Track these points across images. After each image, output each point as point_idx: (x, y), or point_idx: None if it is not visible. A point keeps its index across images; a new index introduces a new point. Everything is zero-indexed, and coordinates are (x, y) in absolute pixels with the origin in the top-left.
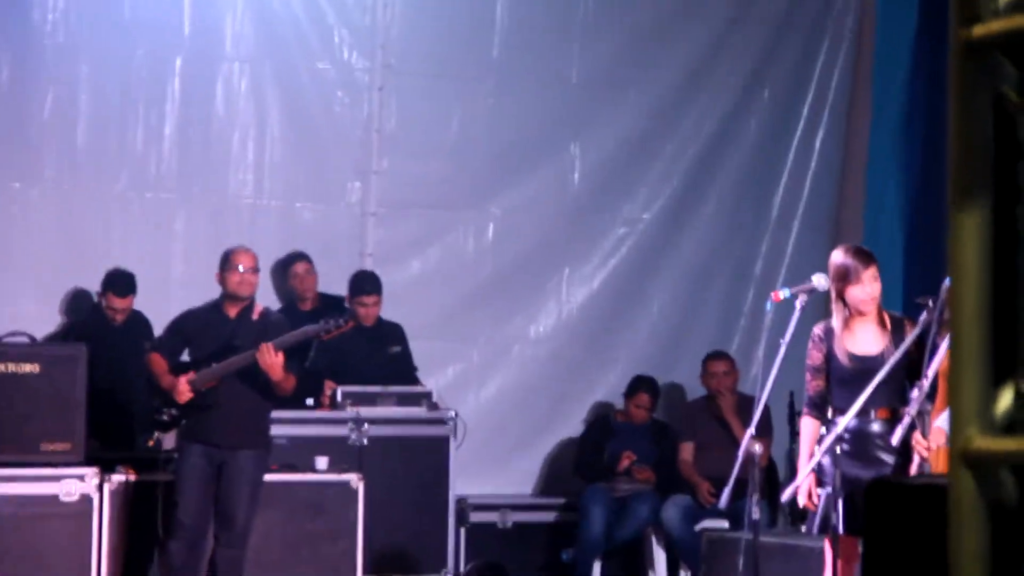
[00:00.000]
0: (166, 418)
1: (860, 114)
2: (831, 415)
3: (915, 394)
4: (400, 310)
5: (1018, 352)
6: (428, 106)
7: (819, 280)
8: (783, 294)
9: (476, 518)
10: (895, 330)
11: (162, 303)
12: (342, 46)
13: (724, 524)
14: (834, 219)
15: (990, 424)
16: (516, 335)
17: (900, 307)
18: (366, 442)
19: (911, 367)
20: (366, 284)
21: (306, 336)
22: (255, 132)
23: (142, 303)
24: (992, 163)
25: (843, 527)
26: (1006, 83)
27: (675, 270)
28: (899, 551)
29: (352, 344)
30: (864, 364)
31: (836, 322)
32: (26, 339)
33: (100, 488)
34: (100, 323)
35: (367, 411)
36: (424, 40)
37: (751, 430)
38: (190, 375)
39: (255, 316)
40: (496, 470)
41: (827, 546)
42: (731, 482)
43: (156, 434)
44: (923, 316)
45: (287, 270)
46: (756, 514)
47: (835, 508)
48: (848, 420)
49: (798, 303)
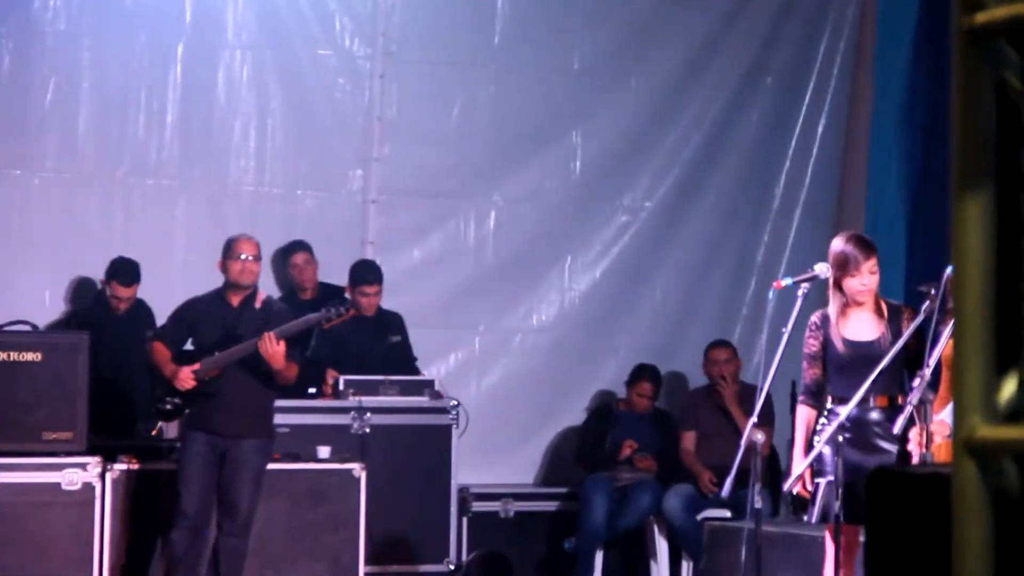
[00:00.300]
0: (169, 407)
1: (862, 103)
2: (829, 403)
3: (916, 383)
4: (401, 298)
5: (1022, 341)
6: (429, 94)
7: (821, 268)
8: (785, 283)
9: (478, 507)
10: (892, 317)
11: (163, 290)
12: (343, 33)
13: (726, 513)
14: (836, 208)
15: (994, 413)
16: (518, 324)
17: (901, 295)
18: (368, 431)
19: (909, 356)
20: (367, 274)
21: (307, 325)
22: (256, 119)
23: (143, 290)
24: (995, 150)
25: (844, 516)
26: (1009, 69)
27: (677, 259)
28: (902, 540)
29: (353, 333)
30: (860, 350)
31: (833, 308)
32: (28, 328)
33: (102, 477)
34: (103, 311)
35: (369, 400)
36: (425, 27)
37: (753, 419)
38: (193, 364)
39: (258, 304)
40: (498, 459)
41: (828, 535)
42: (733, 471)
43: (159, 423)
44: (925, 304)
45: (287, 260)
46: (758, 503)
47: (837, 497)
48: (849, 410)
49: (800, 292)
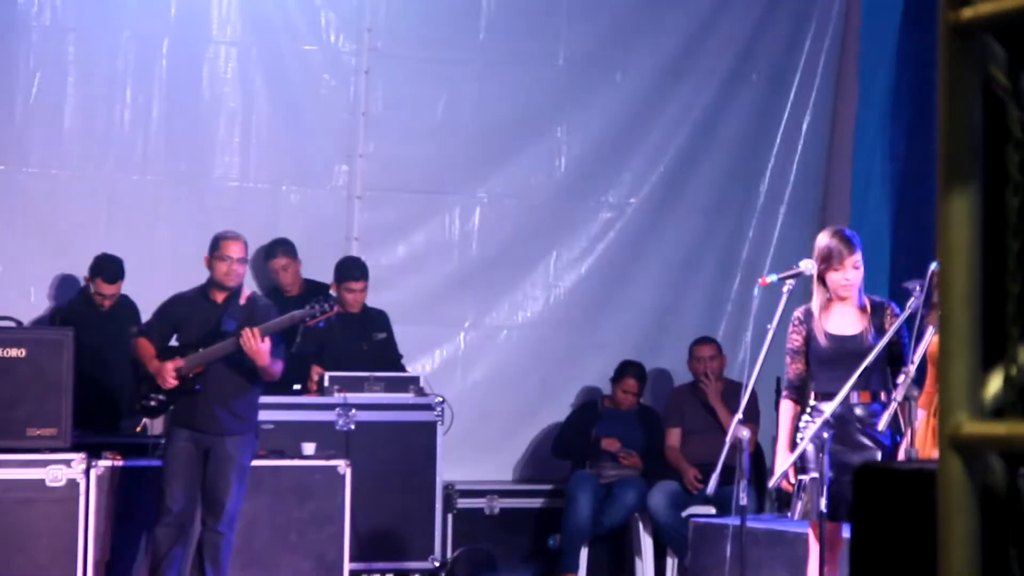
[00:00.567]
0: (153, 403)
1: (846, 100)
2: (812, 399)
3: (901, 379)
4: (386, 294)
5: (1007, 336)
6: (414, 89)
7: (806, 265)
8: (770, 279)
9: (463, 504)
10: (874, 313)
11: (148, 285)
12: (329, 29)
13: (711, 510)
14: (820, 205)
15: (979, 409)
16: (503, 320)
17: (887, 292)
18: (353, 427)
19: (892, 353)
20: (353, 270)
21: (291, 322)
22: (241, 115)
23: (127, 286)
24: (981, 146)
25: (828, 512)
26: (995, 65)
27: (662, 255)
28: (888, 537)
29: (338, 330)
30: (842, 345)
31: (816, 303)
32: (12, 324)
33: (87, 473)
34: (87, 308)
35: (354, 397)
36: (411, 23)
37: (739, 416)
38: (176, 360)
39: (242, 301)
40: (482, 456)
41: (811, 532)
42: (718, 468)
43: (143, 419)
44: (910, 301)
45: (267, 261)
46: (744, 500)
47: (821, 493)
48: (834, 408)
49: (785, 288)
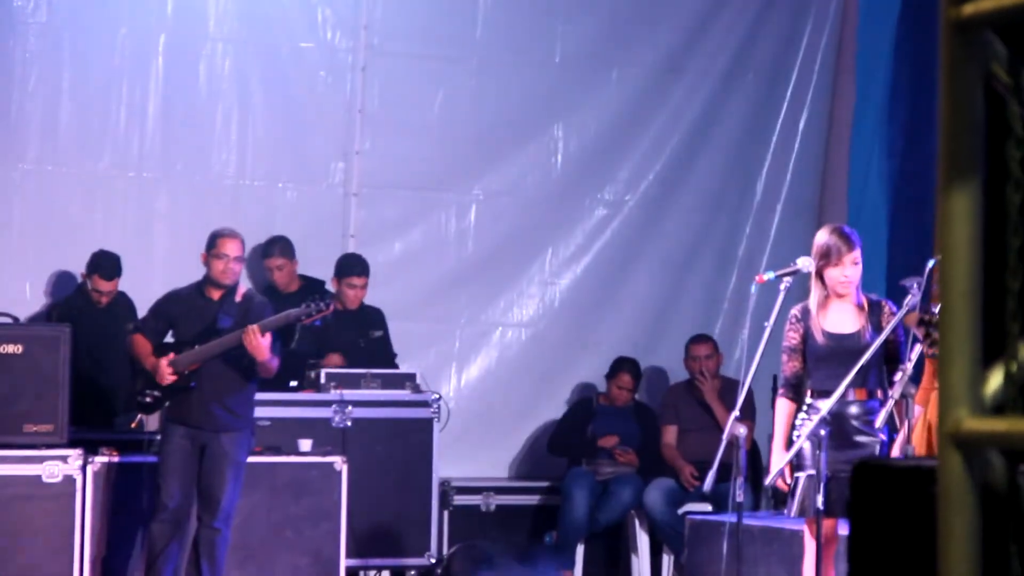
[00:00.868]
0: (148, 400)
1: (843, 97)
2: (808, 396)
3: (898, 377)
4: (382, 292)
5: (1008, 333)
6: (411, 86)
7: (804, 263)
8: (768, 277)
9: (459, 501)
10: (872, 311)
11: (144, 282)
12: (325, 26)
13: (707, 507)
14: (817, 202)
15: (980, 405)
16: (499, 317)
17: (883, 289)
18: (350, 424)
19: (889, 351)
20: (356, 266)
21: (288, 320)
22: (238, 112)
23: (124, 282)
24: (982, 143)
25: (824, 509)
26: (996, 61)
27: (658, 253)
28: (886, 534)
29: (334, 327)
30: (839, 343)
31: (814, 300)
32: (9, 320)
33: (83, 470)
34: (84, 304)
35: (351, 393)
36: (407, 20)
37: (735, 413)
38: (172, 357)
39: (238, 298)
40: (478, 453)
41: (807, 530)
42: (715, 465)
43: (139, 416)
44: (907, 299)
45: (263, 259)
46: (740, 497)
47: (817, 491)
48: (830, 405)
49: (782, 286)
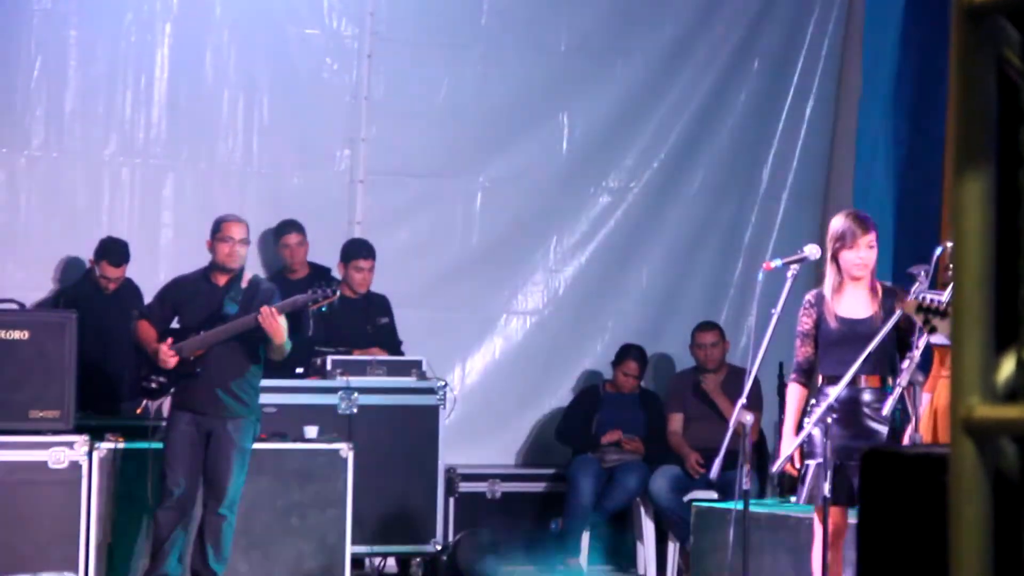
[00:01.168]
0: (153, 385)
1: (850, 84)
2: (819, 382)
3: (906, 364)
4: (388, 279)
5: (1020, 320)
6: (417, 74)
7: (811, 250)
8: (775, 264)
9: (465, 488)
10: (886, 297)
11: (150, 269)
12: (331, 13)
13: (712, 495)
14: (823, 189)
15: (992, 392)
16: (503, 305)
17: (890, 277)
18: (356, 411)
19: (901, 338)
20: (362, 249)
21: (294, 306)
22: (244, 99)
23: (129, 269)
24: (995, 128)
25: (833, 497)
26: (1008, 47)
27: (664, 240)
28: (895, 521)
29: (340, 314)
30: (852, 327)
31: (828, 285)
32: (15, 306)
33: (89, 455)
34: (91, 290)
35: (357, 380)
36: (413, 7)
37: (742, 400)
38: (177, 343)
39: (244, 284)
40: (483, 440)
41: (816, 517)
42: (721, 453)
43: (143, 401)
44: (915, 287)
45: (278, 239)
46: (747, 484)
47: (824, 478)
48: (839, 391)
49: (789, 273)
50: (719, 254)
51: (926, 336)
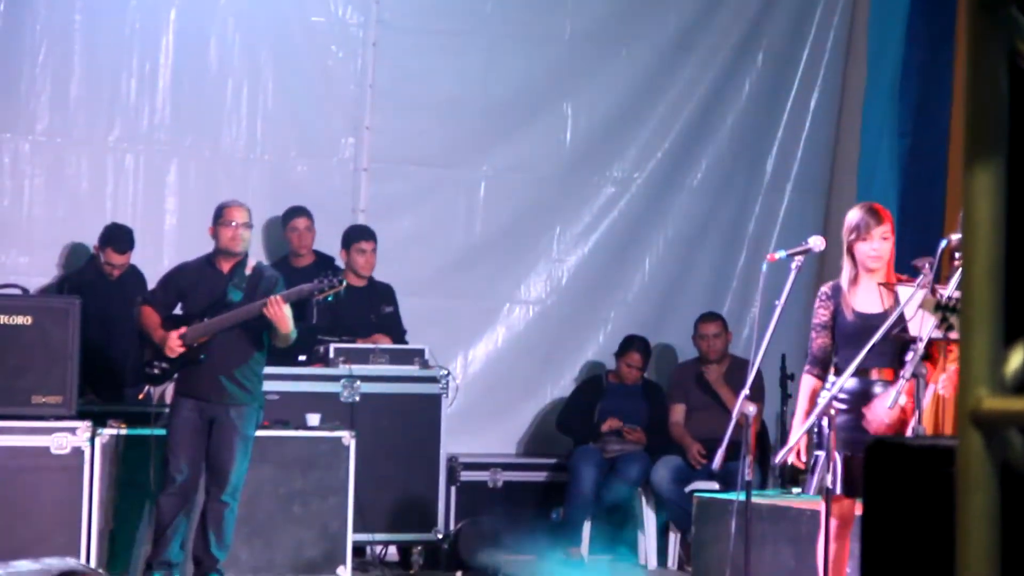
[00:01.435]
0: (156, 371)
1: (855, 76)
2: (832, 374)
3: (910, 356)
4: (391, 267)
5: None
6: (422, 62)
7: (815, 242)
8: (779, 256)
9: (466, 477)
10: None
11: (154, 255)
12: (336, 1)
13: (714, 486)
14: (827, 181)
15: (1000, 384)
16: (507, 294)
17: (895, 269)
18: (358, 399)
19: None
20: (363, 232)
21: (300, 296)
22: (248, 86)
23: (133, 255)
24: (1006, 119)
25: (842, 489)
26: (1020, 38)
27: (667, 231)
28: (900, 513)
29: (344, 302)
30: (867, 321)
31: (844, 277)
32: (18, 291)
33: (92, 441)
34: (95, 276)
35: (360, 368)
36: None
37: (745, 391)
38: (182, 330)
39: (248, 271)
40: (485, 429)
41: (824, 508)
42: (724, 444)
43: (146, 387)
44: (919, 279)
45: (286, 223)
46: (749, 475)
47: (828, 470)
48: (843, 382)
49: (793, 265)
50: (722, 245)
51: (930, 327)
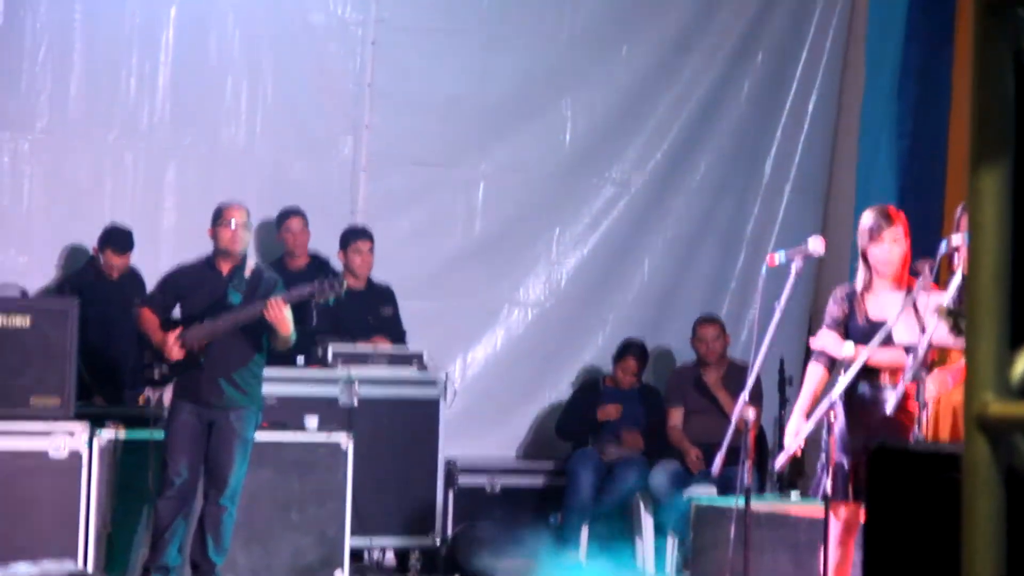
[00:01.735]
0: (156, 375)
1: (853, 77)
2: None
3: (910, 360)
4: (389, 268)
5: None
6: (420, 62)
7: (814, 244)
8: (778, 258)
9: (464, 481)
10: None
11: (152, 254)
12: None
13: (712, 490)
14: (826, 182)
15: (1006, 389)
16: (505, 296)
17: None
18: (356, 402)
19: None
20: (360, 232)
21: (300, 297)
22: (247, 84)
23: (133, 255)
24: (1012, 120)
25: (850, 493)
26: None
27: (666, 232)
28: (903, 517)
29: (343, 304)
30: (876, 329)
31: (859, 282)
32: (17, 292)
33: (90, 444)
34: (95, 277)
35: (358, 371)
36: None
37: (744, 395)
38: (180, 331)
39: (247, 273)
40: (483, 432)
41: (832, 511)
42: (723, 448)
43: (145, 390)
44: (919, 281)
45: (281, 224)
46: (747, 480)
47: (827, 473)
48: (844, 385)
49: (793, 267)
50: (721, 247)
51: (930, 331)
